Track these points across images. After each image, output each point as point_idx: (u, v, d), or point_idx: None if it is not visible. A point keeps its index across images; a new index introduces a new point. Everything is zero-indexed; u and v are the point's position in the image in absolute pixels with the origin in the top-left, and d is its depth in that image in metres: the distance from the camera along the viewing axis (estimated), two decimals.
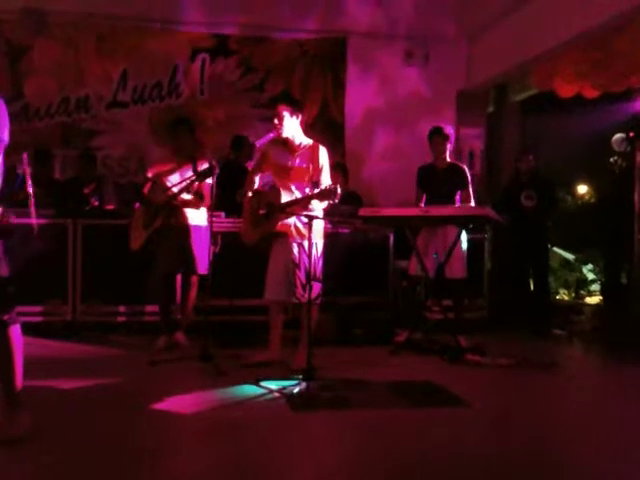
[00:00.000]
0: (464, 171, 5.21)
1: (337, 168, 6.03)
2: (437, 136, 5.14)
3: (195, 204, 4.78)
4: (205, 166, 4.53)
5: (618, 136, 6.76)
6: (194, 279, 4.85)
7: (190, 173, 4.68)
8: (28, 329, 2.86)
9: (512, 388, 4.03)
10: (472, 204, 5.11)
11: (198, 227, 4.79)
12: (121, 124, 6.79)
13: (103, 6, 6.39)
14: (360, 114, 7.15)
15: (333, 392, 3.66)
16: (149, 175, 4.86)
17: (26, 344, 2.83)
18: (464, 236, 5.08)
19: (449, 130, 5.19)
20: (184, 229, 4.75)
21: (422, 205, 5.15)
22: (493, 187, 6.97)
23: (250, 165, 4.36)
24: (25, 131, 6.41)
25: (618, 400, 3.78)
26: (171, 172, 4.79)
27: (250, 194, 4.33)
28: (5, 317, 2.72)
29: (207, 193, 4.50)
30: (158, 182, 4.76)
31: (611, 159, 6.71)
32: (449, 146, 5.17)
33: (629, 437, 3.11)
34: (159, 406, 3.36)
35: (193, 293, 4.87)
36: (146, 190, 4.84)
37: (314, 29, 6.99)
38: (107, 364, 4.35)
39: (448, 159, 5.22)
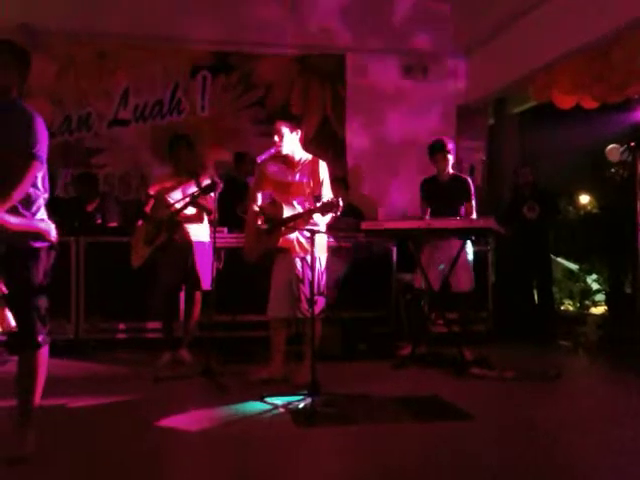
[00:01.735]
0: (467, 183, 5.19)
1: (337, 182, 6.04)
2: (438, 152, 5.12)
3: (198, 219, 4.79)
4: (207, 182, 4.56)
5: (612, 146, 6.80)
6: (197, 295, 4.84)
7: (193, 189, 4.71)
8: None
9: (518, 401, 4.00)
10: (474, 217, 5.08)
11: (201, 243, 4.80)
12: (123, 142, 6.81)
13: (104, 24, 6.44)
14: (360, 128, 7.18)
15: (338, 407, 3.65)
16: (151, 192, 4.88)
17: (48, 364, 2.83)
18: (470, 248, 5.06)
19: (449, 144, 5.16)
20: (187, 245, 4.75)
21: (427, 218, 5.13)
22: (494, 199, 6.98)
23: (251, 181, 4.38)
24: None
25: (624, 411, 3.75)
26: (173, 189, 4.80)
27: (253, 211, 4.33)
28: (40, 338, 2.71)
29: (213, 207, 4.51)
30: (160, 199, 4.78)
31: (612, 169, 6.72)
32: (451, 159, 5.17)
33: (636, 449, 3.08)
34: (163, 423, 3.35)
35: (196, 309, 4.86)
36: (148, 208, 4.86)
37: (313, 45, 7.04)
38: (111, 381, 4.35)
39: (451, 171, 5.23)
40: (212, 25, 6.74)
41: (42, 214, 2.74)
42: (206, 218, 4.82)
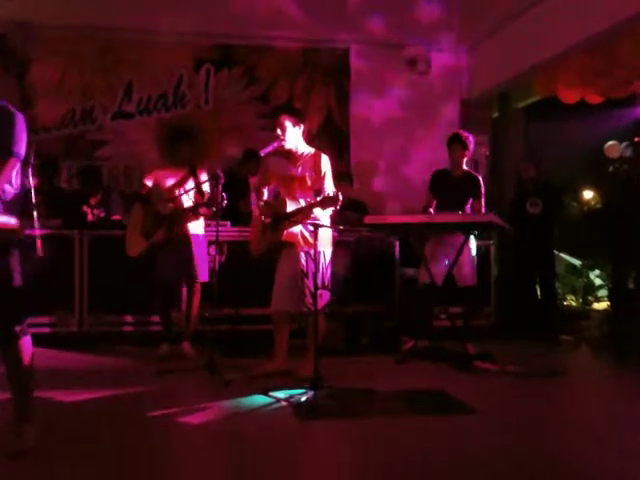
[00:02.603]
0: (479, 181, 5.15)
1: (342, 178, 6.04)
2: (455, 143, 5.10)
3: (195, 217, 4.80)
4: (204, 175, 4.70)
5: (611, 143, 6.78)
6: (196, 287, 4.86)
7: (190, 182, 4.76)
8: (35, 340, 2.86)
9: (520, 395, 4.01)
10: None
11: (196, 235, 4.82)
12: (126, 135, 6.83)
13: (105, 19, 6.42)
14: (364, 123, 7.16)
15: (340, 401, 3.66)
16: (149, 183, 4.89)
17: (33, 355, 2.84)
18: (474, 243, 5.05)
19: (469, 139, 5.13)
20: (183, 238, 4.75)
21: (432, 210, 5.12)
22: (497, 193, 6.97)
23: (251, 179, 4.40)
24: (31, 142, 6.44)
25: (627, 407, 3.75)
26: (172, 183, 4.80)
27: (258, 205, 4.33)
28: (17, 329, 2.74)
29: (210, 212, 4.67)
30: (159, 192, 4.79)
31: (616, 164, 6.70)
32: (467, 155, 5.15)
33: (638, 448, 3.08)
34: (165, 416, 3.36)
35: (196, 301, 4.87)
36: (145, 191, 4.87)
37: (317, 39, 7.02)
38: (114, 374, 4.35)
39: (465, 167, 5.20)
40: (215, 18, 6.72)
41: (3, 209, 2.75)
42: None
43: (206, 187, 4.77)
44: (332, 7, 6.99)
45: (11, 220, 2.70)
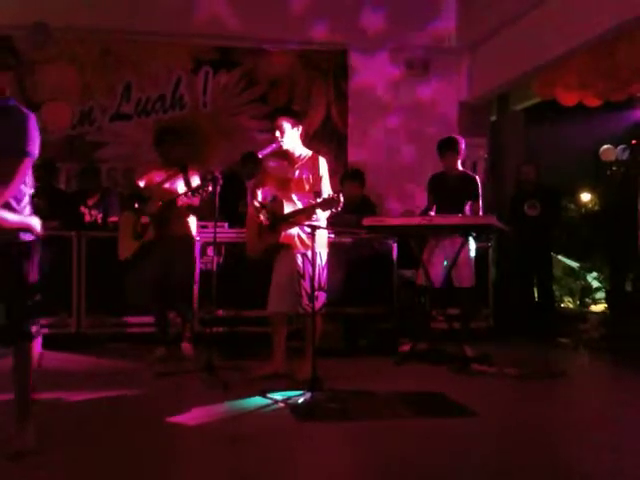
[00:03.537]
0: (476, 181, 5.14)
1: (354, 176, 5.99)
2: (447, 150, 5.09)
3: (186, 214, 4.80)
4: (196, 178, 4.71)
5: (606, 147, 6.80)
6: (188, 287, 4.85)
7: (181, 183, 4.75)
8: None
9: (518, 398, 4.01)
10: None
11: (187, 236, 4.82)
12: (125, 136, 6.82)
13: (106, 20, 6.42)
14: (362, 124, 7.17)
15: (338, 403, 3.65)
16: (141, 184, 4.89)
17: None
18: (473, 244, 5.06)
19: (460, 142, 5.11)
20: (173, 238, 4.74)
21: (432, 214, 5.12)
22: (496, 195, 6.98)
23: (247, 182, 4.41)
24: None
25: (625, 409, 3.76)
26: (162, 182, 4.80)
27: (254, 207, 4.33)
28: (33, 329, 2.74)
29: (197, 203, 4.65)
30: (150, 190, 4.79)
31: (613, 167, 6.73)
32: (460, 156, 5.14)
33: (637, 449, 3.08)
34: (164, 418, 3.35)
35: (190, 301, 4.88)
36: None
37: (316, 41, 7.03)
38: (112, 376, 4.35)
39: (460, 168, 5.20)
40: (214, 20, 6.73)
41: (28, 209, 2.77)
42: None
43: (196, 182, 4.77)
44: (331, 8, 7.00)
45: (32, 220, 2.72)
